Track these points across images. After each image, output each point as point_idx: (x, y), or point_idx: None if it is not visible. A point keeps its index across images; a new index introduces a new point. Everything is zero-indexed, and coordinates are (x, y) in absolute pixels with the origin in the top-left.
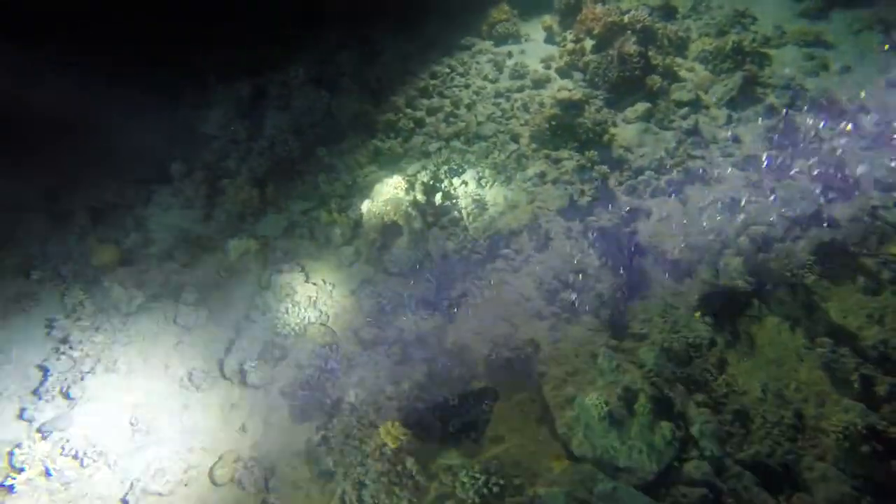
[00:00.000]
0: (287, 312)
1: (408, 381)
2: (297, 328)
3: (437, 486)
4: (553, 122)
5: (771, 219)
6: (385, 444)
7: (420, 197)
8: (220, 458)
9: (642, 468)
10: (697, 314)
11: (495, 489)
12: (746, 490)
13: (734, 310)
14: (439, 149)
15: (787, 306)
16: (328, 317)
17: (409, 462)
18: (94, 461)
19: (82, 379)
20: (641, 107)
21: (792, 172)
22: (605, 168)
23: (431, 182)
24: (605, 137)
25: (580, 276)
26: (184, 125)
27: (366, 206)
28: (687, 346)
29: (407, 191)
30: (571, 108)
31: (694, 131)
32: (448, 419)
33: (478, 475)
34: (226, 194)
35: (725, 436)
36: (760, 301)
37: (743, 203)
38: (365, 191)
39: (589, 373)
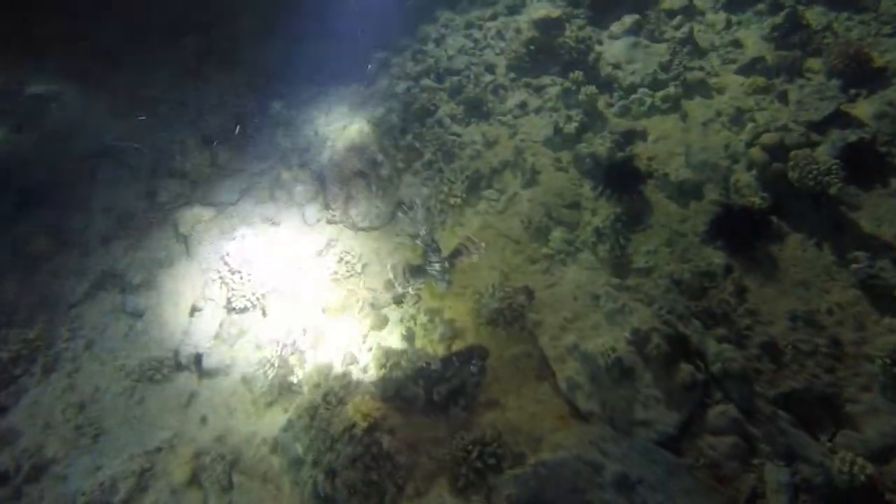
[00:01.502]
0: (242, 283)
1: (383, 347)
2: (253, 301)
3: (424, 465)
4: (532, 47)
5: (784, 124)
6: (354, 424)
7: (387, 141)
8: (178, 455)
9: (661, 420)
10: None
11: (491, 461)
12: (783, 433)
13: (750, 230)
14: (408, 89)
15: (810, 221)
16: (292, 283)
17: (386, 441)
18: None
19: (14, 383)
20: (629, 19)
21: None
22: (592, 89)
23: (400, 125)
24: (591, 56)
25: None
26: (125, 89)
27: (327, 155)
28: (700, 275)
29: (371, 135)
30: (551, 27)
31: (689, 40)
32: (432, 387)
33: (471, 447)
34: (174, 161)
35: (753, 373)
36: (779, 218)
37: (751, 111)
38: (328, 142)
39: (591, 317)
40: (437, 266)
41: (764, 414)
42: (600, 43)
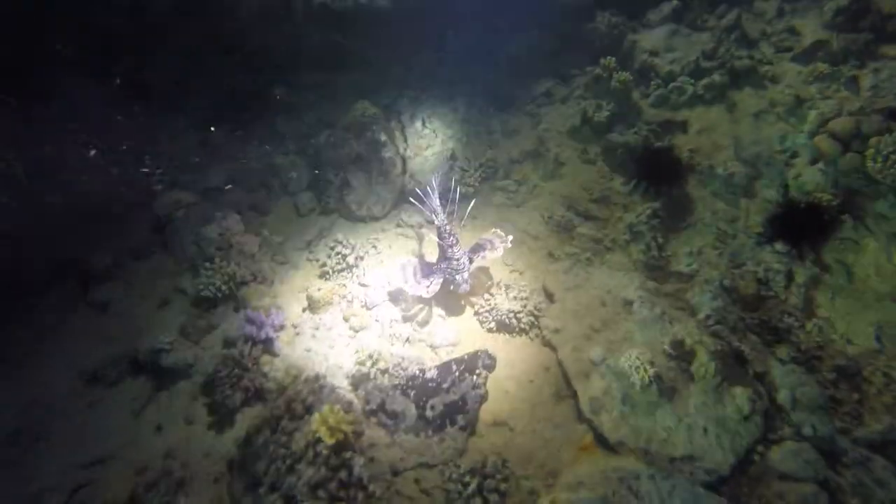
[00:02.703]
0: (214, 270)
1: (369, 350)
2: (225, 289)
3: (407, 497)
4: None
5: (861, 107)
6: (319, 441)
7: (395, 123)
8: (120, 471)
9: (711, 457)
10: None
11: (494, 497)
12: (881, 484)
13: (816, 231)
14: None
15: (894, 222)
16: (274, 275)
17: (357, 465)
18: None
19: None
20: (667, 7)
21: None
22: (626, 75)
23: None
24: (625, 44)
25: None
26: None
27: (323, 138)
28: (755, 282)
29: (375, 117)
30: (581, 12)
31: (736, 26)
32: (425, 399)
33: (468, 478)
34: (160, 144)
35: (831, 404)
36: (854, 218)
37: (812, 100)
38: (328, 126)
39: (622, 326)
40: (455, 263)
41: (852, 458)
42: (634, 31)
